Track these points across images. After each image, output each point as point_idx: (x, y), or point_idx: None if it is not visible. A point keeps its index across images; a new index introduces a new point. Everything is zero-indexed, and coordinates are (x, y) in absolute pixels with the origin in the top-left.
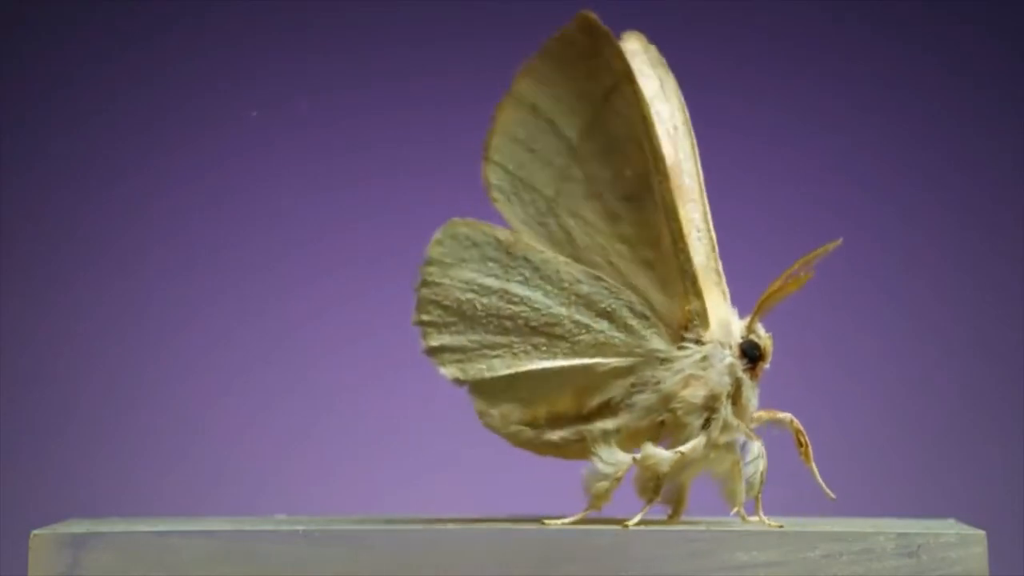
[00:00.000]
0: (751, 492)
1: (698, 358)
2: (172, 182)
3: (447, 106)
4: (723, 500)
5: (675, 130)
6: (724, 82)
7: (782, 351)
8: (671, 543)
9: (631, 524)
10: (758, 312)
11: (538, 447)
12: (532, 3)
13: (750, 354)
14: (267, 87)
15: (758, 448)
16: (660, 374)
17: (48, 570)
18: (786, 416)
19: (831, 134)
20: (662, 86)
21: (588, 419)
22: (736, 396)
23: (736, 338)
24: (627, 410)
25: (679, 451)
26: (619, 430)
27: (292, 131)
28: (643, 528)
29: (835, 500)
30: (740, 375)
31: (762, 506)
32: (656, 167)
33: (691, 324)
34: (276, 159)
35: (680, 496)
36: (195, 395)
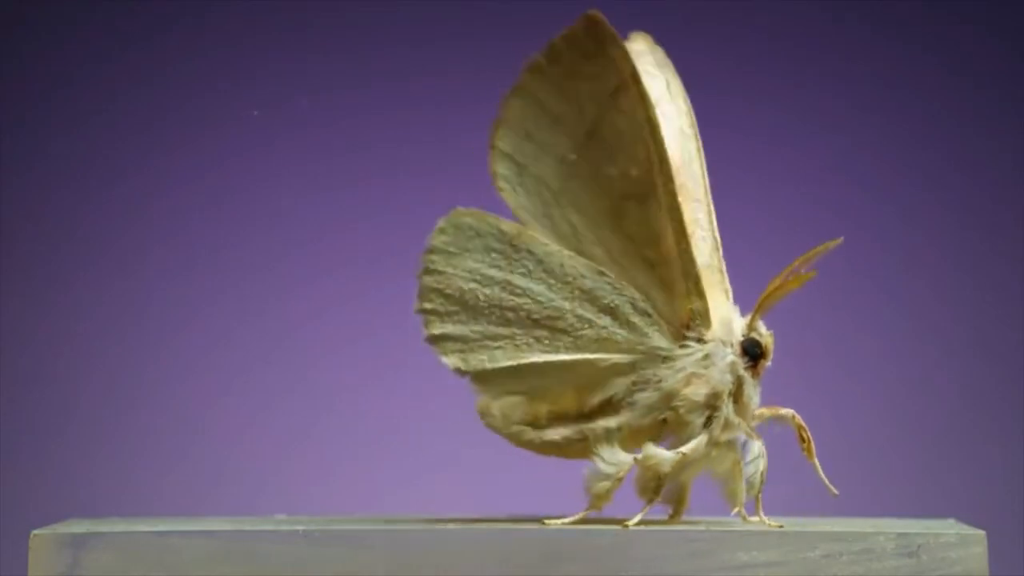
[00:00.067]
0: (751, 492)
1: (700, 356)
2: (172, 182)
3: (447, 106)
4: (724, 500)
5: (681, 131)
6: (724, 82)
7: (782, 351)
8: (671, 543)
9: (631, 524)
10: (759, 310)
11: (540, 447)
12: (532, 3)
13: (751, 352)
14: (267, 87)
15: (758, 448)
16: (662, 372)
17: (48, 570)
18: (788, 412)
19: (831, 134)
20: (668, 87)
21: (590, 417)
22: (738, 394)
23: (737, 336)
24: (629, 408)
25: (680, 451)
26: (621, 428)
27: (292, 131)
28: (643, 528)
29: (838, 496)
30: (742, 373)
31: (762, 506)
32: (660, 168)
33: (693, 323)
34: (276, 159)
35: (681, 496)
36: (195, 395)
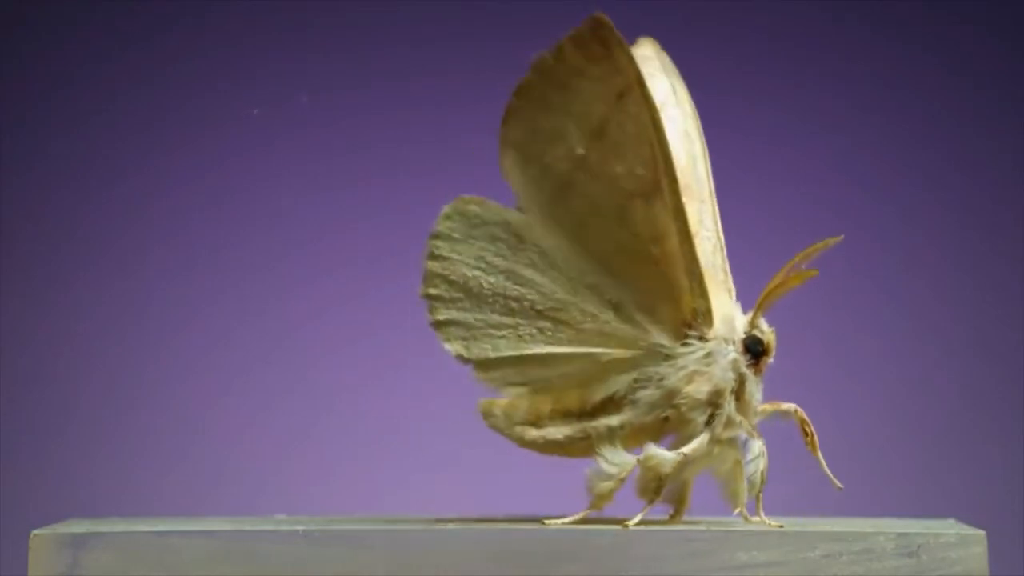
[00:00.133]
0: (752, 491)
1: (702, 354)
2: (172, 182)
3: (447, 106)
4: (724, 500)
5: (686, 134)
6: (724, 82)
7: (782, 351)
8: (671, 543)
9: (631, 524)
10: (761, 307)
11: (542, 446)
12: (532, 3)
13: (753, 349)
14: (267, 87)
15: (759, 447)
16: (664, 370)
17: (48, 570)
18: (791, 407)
19: (831, 134)
20: (674, 91)
21: (592, 415)
22: (740, 391)
23: (740, 334)
24: (631, 406)
25: (682, 452)
26: (623, 426)
27: (292, 131)
28: (643, 528)
29: (842, 489)
30: (744, 370)
31: (762, 506)
32: (664, 169)
33: (695, 321)
34: (276, 159)
35: (682, 495)
36: (195, 395)
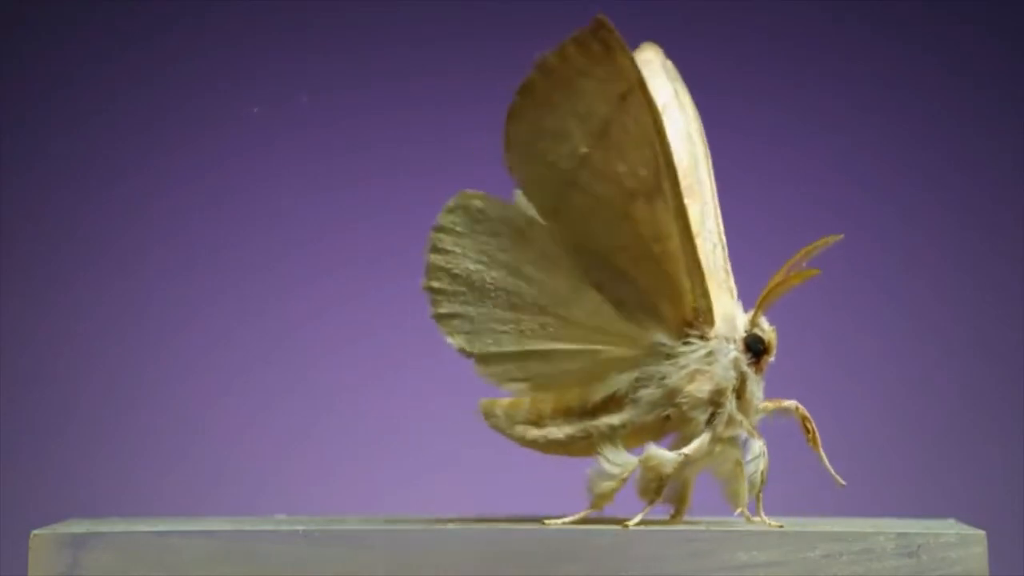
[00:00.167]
0: (752, 491)
1: (703, 353)
2: (172, 182)
3: (447, 106)
4: (725, 500)
5: (688, 136)
6: (724, 82)
7: (782, 351)
8: (671, 543)
9: (631, 524)
10: (761, 306)
11: (544, 446)
12: (532, 3)
13: (754, 348)
14: (267, 87)
15: (759, 447)
16: (665, 369)
17: (48, 570)
18: (791, 404)
19: (831, 134)
20: (676, 95)
21: (594, 414)
22: (741, 390)
23: (740, 332)
24: (632, 405)
25: (683, 453)
26: (625, 425)
27: (292, 131)
28: (643, 528)
29: (845, 485)
30: (745, 369)
31: (763, 505)
32: (666, 170)
33: (696, 320)
34: (276, 159)
35: (683, 495)
36: (195, 395)
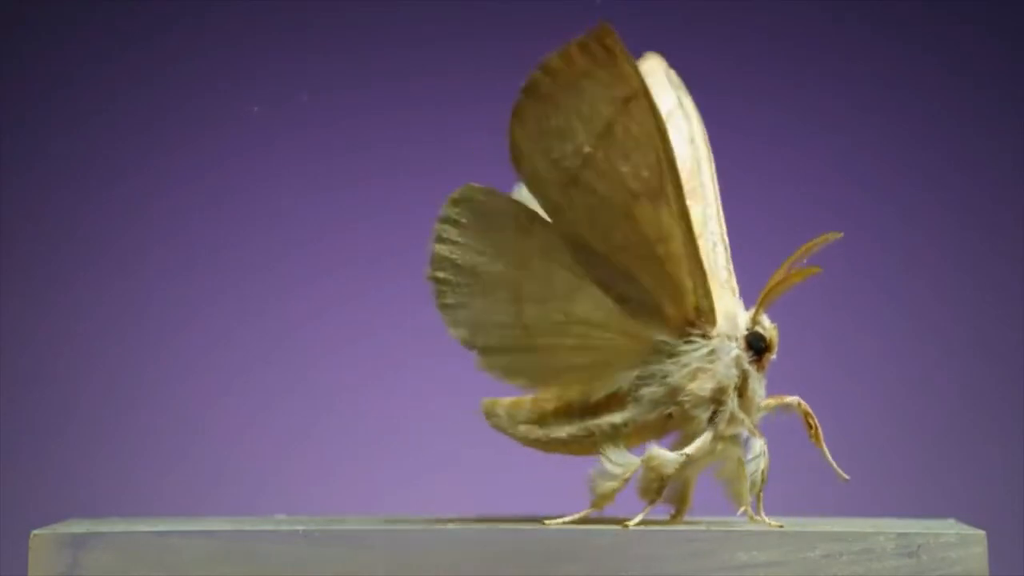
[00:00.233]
0: (752, 490)
1: (705, 351)
2: (172, 182)
3: (447, 106)
4: (727, 500)
5: (691, 140)
6: (724, 82)
7: (782, 352)
8: (671, 543)
9: (632, 524)
10: (762, 304)
11: (546, 445)
12: (532, 3)
13: (756, 346)
14: (267, 87)
15: (760, 446)
16: (667, 367)
17: (48, 570)
18: (793, 400)
19: (831, 134)
20: (680, 102)
21: (595, 413)
22: (743, 388)
23: (742, 330)
24: (634, 403)
25: (684, 453)
26: (626, 424)
27: (292, 131)
28: (643, 528)
29: (848, 480)
30: (746, 367)
31: (763, 505)
32: (670, 174)
33: (698, 319)
34: (276, 159)
35: (684, 495)
36: (195, 395)
